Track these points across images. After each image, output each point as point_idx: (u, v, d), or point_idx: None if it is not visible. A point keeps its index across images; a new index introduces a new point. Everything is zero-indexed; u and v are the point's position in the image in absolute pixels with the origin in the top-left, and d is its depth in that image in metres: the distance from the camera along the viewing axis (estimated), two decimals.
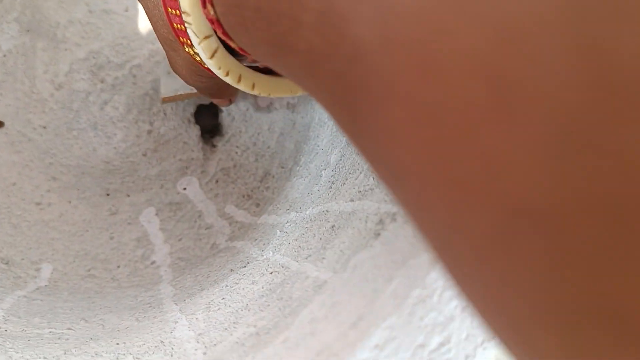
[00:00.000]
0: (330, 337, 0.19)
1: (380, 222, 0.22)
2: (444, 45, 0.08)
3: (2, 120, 0.41)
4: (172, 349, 0.25)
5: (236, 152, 0.44)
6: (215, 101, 0.41)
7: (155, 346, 0.25)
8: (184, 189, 0.43)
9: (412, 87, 0.09)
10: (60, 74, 0.42)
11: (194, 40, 0.19)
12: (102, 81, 0.43)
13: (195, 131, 0.44)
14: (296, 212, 0.33)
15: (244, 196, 0.43)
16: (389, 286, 0.19)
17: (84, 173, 0.42)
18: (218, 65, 0.20)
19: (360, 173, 0.27)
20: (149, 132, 0.43)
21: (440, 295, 0.19)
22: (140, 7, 0.44)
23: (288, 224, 0.32)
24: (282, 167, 0.43)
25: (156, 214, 0.43)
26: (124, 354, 0.25)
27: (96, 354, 0.26)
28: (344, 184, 0.28)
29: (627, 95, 0.07)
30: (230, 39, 0.17)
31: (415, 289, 0.19)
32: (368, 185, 0.25)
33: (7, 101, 0.41)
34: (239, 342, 0.23)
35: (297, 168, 0.41)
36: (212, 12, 0.16)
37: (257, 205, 0.41)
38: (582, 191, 0.07)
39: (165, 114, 0.43)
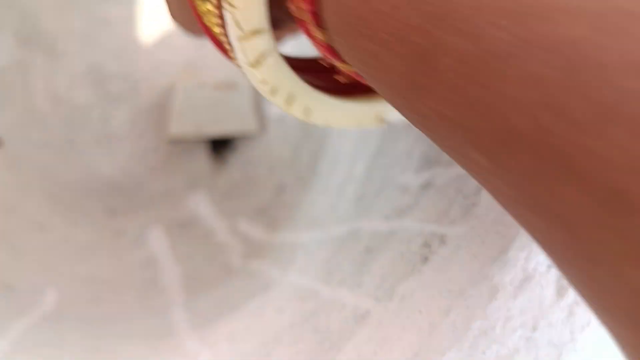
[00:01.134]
0: None
1: (426, 244, 0.20)
2: None
3: (1, 138, 0.39)
4: None
5: (248, 164, 0.42)
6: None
7: None
8: (194, 205, 0.41)
9: None
10: (60, 88, 0.40)
11: (233, 32, 0.14)
12: (104, 94, 0.41)
13: (204, 144, 0.42)
14: (320, 230, 0.31)
15: (257, 211, 0.41)
16: (447, 318, 0.17)
17: (88, 192, 0.40)
18: (263, 78, 0.14)
19: (394, 189, 0.25)
20: (155, 147, 0.41)
21: (503, 327, 0.17)
22: (144, 15, 0.42)
23: (312, 243, 0.30)
24: (299, 179, 0.41)
25: (165, 233, 0.41)
26: None
27: None
28: (376, 199, 0.26)
29: None
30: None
31: (476, 320, 0.17)
32: (405, 202, 0.23)
33: (5, 119, 0.39)
34: None
35: (316, 180, 0.39)
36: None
37: (273, 221, 0.39)
38: None
39: None
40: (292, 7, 0.13)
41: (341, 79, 0.16)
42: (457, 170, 0.22)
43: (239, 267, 0.37)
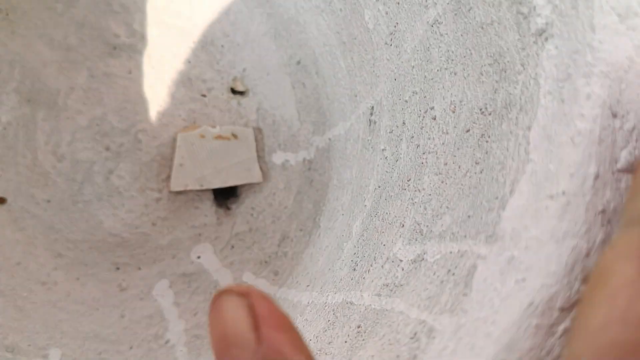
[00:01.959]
0: None
1: (415, 337, 0.19)
2: None
3: (4, 196, 0.39)
4: None
5: (251, 215, 0.42)
6: None
7: None
8: (198, 257, 0.41)
9: None
10: (62, 144, 0.40)
11: None
12: (106, 149, 0.40)
13: (207, 194, 0.41)
14: (317, 292, 0.29)
15: (261, 262, 0.40)
16: None
17: (91, 247, 0.40)
18: None
19: (386, 261, 0.24)
20: (158, 199, 0.40)
21: None
22: (144, 68, 0.42)
23: (309, 308, 0.29)
24: (301, 230, 0.40)
25: (169, 287, 0.40)
26: None
27: None
28: (369, 271, 0.25)
29: None
30: None
31: None
32: (396, 278, 0.22)
33: (8, 176, 0.39)
34: None
35: (317, 232, 0.38)
36: None
37: (276, 273, 0.38)
38: None
39: None
40: None
41: None
42: (449, 246, 0.21)
43: None
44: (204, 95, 0.43)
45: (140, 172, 0.41)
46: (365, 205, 0.31)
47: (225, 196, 0.42)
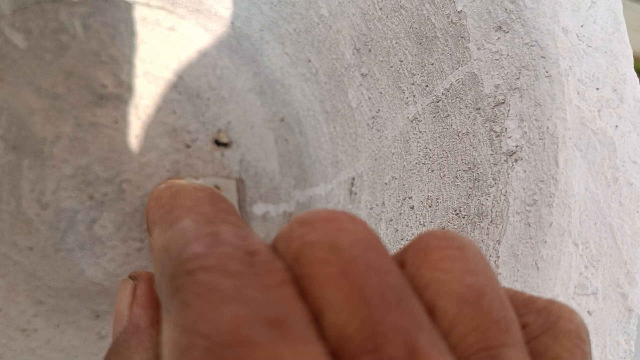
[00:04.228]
0: None
1: None
2: None
3: None
4: None
5: None
6: None
7: None
8: None
9: None
10: (47, 193, 0.41)
11: None
12: (90, 198, 0.41)
13: None
14: None
15: None
16: None
17: (72, 295, 0.40)
18: None
19: None
20: (140, 249, 0.41)
21: None
22: (130, 118, 0.43)
23: None
24: None
25: None
26: None
27: None
28: None
29: None
30: None
31: None
32: None
33: None
34: None
35: None
36: None
37: None
38: None
39: None
40: None
41: None
42: None
43: None
44: (188, 146, 0.44)
45: (123, 222, 0.41)
46: None
47: None
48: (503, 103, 0.22)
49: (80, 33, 0.43)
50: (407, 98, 0.28)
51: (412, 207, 0.27)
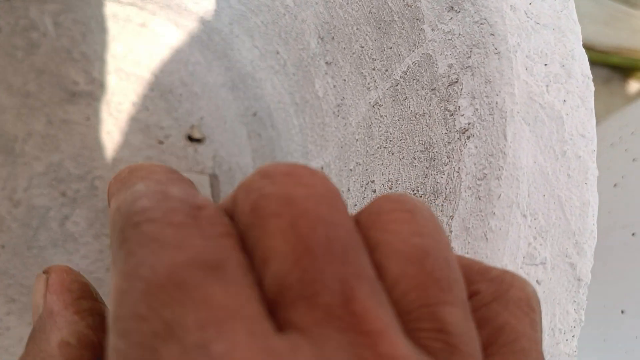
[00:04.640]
0: None
1: None
2: None
3: None
4: None
5: None
6: None
7: None
8: None
9: None
10: (18, 190, 0.41)
11: None
12: (62, 195, 0.41)
13: None
14: None
15: None
16: None
17: None
18: None
19: None
20: None
21: None
22: (102, 115, 0.43)
23: None
24: None
25: None
26: None
27: None
28: None
29: None
30: None
31: None
32: None
33: None
34: None
35: None
36: None
37: None
38: None
39: None
40: None
41: None
42: None
43: None
44: (161, 142, 0.44)
45: (96, 219, 0.41)
46: None
47: None
48: (456, 82, 0.23)
49: (51, 30, 0.43)
50: (368, 84, 0.28)
51: (374, 191, 0.27)
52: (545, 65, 0.21)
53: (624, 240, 0.36)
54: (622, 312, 0.35)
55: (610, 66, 0.62)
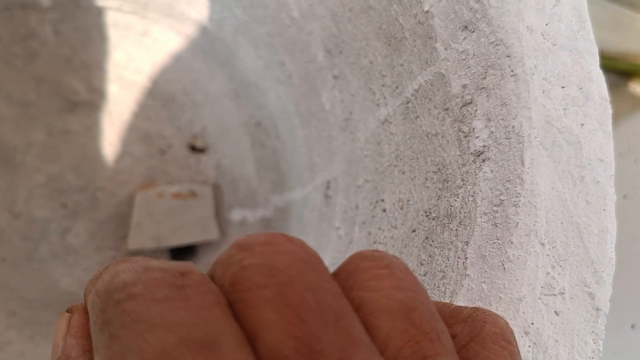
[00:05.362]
0: None
1: None
2: None
3: None
4: None
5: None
6: None
7: None
8: None
9: None
10: (19, 202, 0.40)
11: None
12: (63, 207, 0.40)
13: (165, 255, 0.42)
14: None
15: None
16: None
17: (46, 306, 0.40)
18: None
19: None
20: (114, 258, 0.41)
21: None
22: (104, 125, 0.42)
23: None
24: None
25: None
26: None
27: None
28: None
29: None
30: None
31: None
32: None
33: None
34: None
35: None
36: None
37: None
38: None
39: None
40: None
41: None
42: None
43: None
44: (163, 152, 0.43)
45: (98, 231, 0.41)
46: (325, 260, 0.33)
47: (182, 254, 0.42)
48: (470, 103, 0.22)
49: (52, 39, 0.42)
50: (378, 100, 0.27)
51: (384, 210, 0.26)
52: (563, 87, 0.20)
53: (634, 253, 0.35)
54: (632, 326, 0.35)
55: (617, 72, 0.61)
